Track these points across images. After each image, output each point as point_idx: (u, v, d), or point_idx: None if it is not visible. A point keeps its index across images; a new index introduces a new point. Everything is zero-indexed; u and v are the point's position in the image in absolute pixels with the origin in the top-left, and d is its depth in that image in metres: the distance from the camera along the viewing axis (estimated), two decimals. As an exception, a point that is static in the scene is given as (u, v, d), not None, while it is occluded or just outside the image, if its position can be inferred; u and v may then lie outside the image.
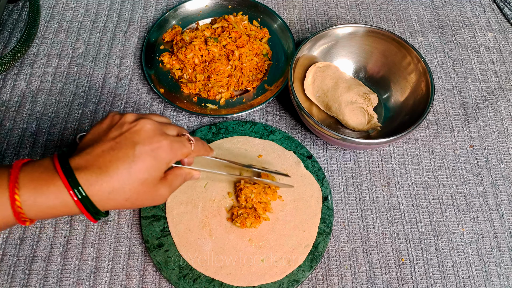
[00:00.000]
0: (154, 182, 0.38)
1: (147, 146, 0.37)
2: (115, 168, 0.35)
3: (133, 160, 0.36)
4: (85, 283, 0.51)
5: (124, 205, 0.37)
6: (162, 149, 0.38)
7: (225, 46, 0.65)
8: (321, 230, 0.53)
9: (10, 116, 0.62)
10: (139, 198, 0.37)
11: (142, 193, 0.37)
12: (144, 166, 0.36)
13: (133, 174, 0.36)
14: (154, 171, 0.37)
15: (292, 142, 0.60)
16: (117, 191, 0.36)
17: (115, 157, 0.36)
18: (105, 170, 0.35)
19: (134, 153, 0.36)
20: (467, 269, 0.53)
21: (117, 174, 0.35)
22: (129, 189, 0.36)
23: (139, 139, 0.37)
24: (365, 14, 0.75)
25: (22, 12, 0.72)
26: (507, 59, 0.69)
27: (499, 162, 0.60)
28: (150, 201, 0.39)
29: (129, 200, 0.37)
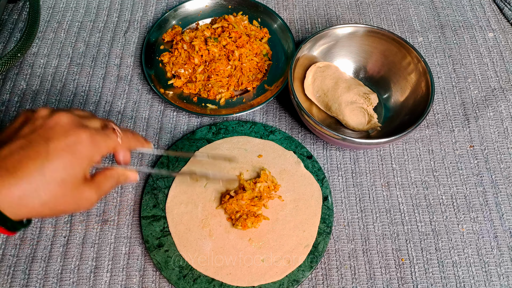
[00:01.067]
0: (76, 183, 0.33)
1: (63, 141, 0.32)
2: (25, 169, 0.31)
3: (46, 158, 0.31)
4: (85, 283, 0.51)
5: (41, 212, 0.32)
6: (81, 143, 0.33)
7: (225, 46, 0.65)
8: (321, 230, 0.53)
9: (10, 116, 0.62)
10: (58, 203, 0.33)
11: (61, 196, 0.32)
12: (60, 164, 0.32)
13: (48, 174, 0.31)
14: (74, 169, 0.33)
15: (292, 142, 0.60)
16: (30, 195, 0.31)
17: (25, 156, 0.31)
18: (13, 171, 0.30)
19: (48, 150, 0.32)
20: (467, 269, 0.53)
21: (28, 175, 0.30)
22: (44, 193, 0.31)
23: (53, 135, 0.33)
24: (365, 14, 0.75)
25: (22, 12, 0.72)
26: (507, 59, 0.69)
27: (499, 162, 0.60)
28: (73, 206, 0.34)
29: (46, 205, 0.32)
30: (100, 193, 0.36)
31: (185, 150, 0.59)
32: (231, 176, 0.56)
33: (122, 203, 0.56)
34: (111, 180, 0.38)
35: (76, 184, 0.33)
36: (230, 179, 0.56)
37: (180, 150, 0.59)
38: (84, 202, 0.35)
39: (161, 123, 0.63)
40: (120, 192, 0.57)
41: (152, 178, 0.57)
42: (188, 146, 0.59)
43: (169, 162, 0.58)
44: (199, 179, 0.55)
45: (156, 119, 0.63)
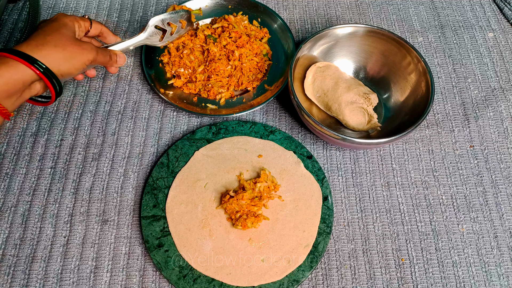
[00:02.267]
0: (72, 35, 0.51)
1: (48, 22, 0.51)
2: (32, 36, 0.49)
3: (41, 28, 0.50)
4: (85, 283, 0.51)
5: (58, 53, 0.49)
6: (59, 15, 0.53)
7: (225, 46, 0.65)
8: (321, 230, 0.53)
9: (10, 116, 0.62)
10: (67, 44, 0.49)
11: (66, 39, 0.50)
12: (53, 27, 0.50)
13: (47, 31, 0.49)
14: (64, 26, 0.51)
15: (292, 142, 0.60)
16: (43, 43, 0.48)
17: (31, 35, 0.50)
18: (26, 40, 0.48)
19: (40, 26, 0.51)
20: (467, 269, 0.53)
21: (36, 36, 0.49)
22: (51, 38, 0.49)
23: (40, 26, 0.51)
24: (365, 14, 0.75)
25: (22, 12, 0.72)
26: (507, 59, 0.69)
27: (499, 162, 0.60)
28: (79, 48, 0.51)
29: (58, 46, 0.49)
30: (94, 52, 0.53)
31: (185, 150, 0.59)
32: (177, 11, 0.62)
33: (122, 203, 0.56)
34: (105, 52, 0.56)
35: (72, 35, 0.51)
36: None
37: (180, 150, 0.59)
38: (87, 47, 0.52)
39: (161, 123, 0.63)
40: (120, 192, 0.57)
41: (152, 178, 0.57)
42: (188, 146, 0.59)
43: (169, 162, 0.58)
44: None
45: (156, 119, 0.63)
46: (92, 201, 0.56)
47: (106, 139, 0.61)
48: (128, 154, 0.60)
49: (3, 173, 0.57)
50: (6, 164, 0.58)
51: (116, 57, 0.57)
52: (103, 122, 0.62)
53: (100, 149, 0.60)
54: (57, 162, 0.58)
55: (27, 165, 0.58)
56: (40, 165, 0.58)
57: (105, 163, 0.59)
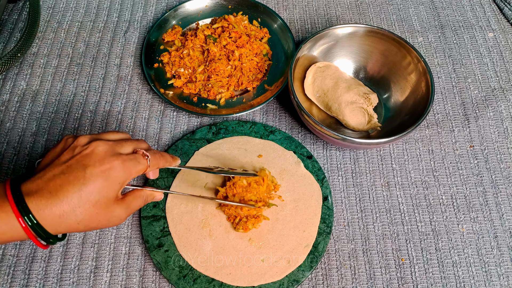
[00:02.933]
0: (108, 203, 0.37)
1: (98, 168, 0.37)
2: (65, 191, 0.35)
3: (83, 183, 0.36)
4: (85, 283, 0.51)
5: (77, 228, 0.37)
6: (114, 170, 0.37)
7: (225, 46, 0.65)
8: (321, 230, 0.53)
9: (10, 116, 0.62)
10: (92, 220, 0.37)
11: (95, 215, 0.37)
12: (95, 188, 0.36)
13: (84, 196, 0.36)
14: (107, 192, 0.37)
15: (292, 142, 0.60)
16: (68, 215, 0.35)
17: (66, 181, 0.35)
18: (55, 194, 0.35)
19: (85, 176, 0.36)
20: (467, 269, 0.53)
21: (67, 197, 0.35)
22: (80, 212, 0.36)
23: (89, 162, 0.37)
24: (365, 14, 0.75)
25: (22, 12, 0.72)
26: (507, 59, 0.69)
27: (499, 162, 0.60)
28: (105, 222, 0.38)
29: (81, 223, 0.36)
30: (128, 211, 0.41)
31: (185, 150, 0.59)
32: (250, 173, 0.53)
33: (122, 203, 0.56)
34: (139, 200, 0.42)
35: (108, 204, 0.37)
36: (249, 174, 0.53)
37: (180, 150, 0.59)
38: (114, 219, 0.39)
39: (161, 123, 0.63)
40: (120, 192, 0.57)
41: (152, 178, 0.57)
42: (188, 146, 0.59)
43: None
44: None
45: (156, 119, 0.63)
46: (92, 201, 0.56)
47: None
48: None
49: (3, 173, 0.57)
50: (6, 164, 0.58)
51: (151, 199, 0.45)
52: (103, 122, 0.62)
53: (100, 149, 0.60)
54: (57, 162, 0.58)
55: (27, 165, 0.58)
56: (40, 165, 0.58)
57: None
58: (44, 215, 0.34)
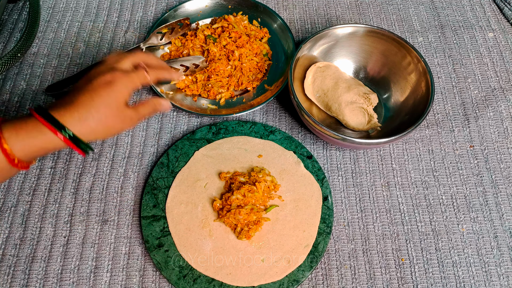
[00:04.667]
0: (118, 105, 0.44)
1: (101, 79, 0.44)
2: (79, 99, 0.42)
3: (92, 90, 0.43)
4: (85, 283, 0.51)
5: (97, 129, 0.43)
6: (116, 78, 0.44)
7: (225, 46, 0.65)
8: (321, 230, 0.53)
9: (10, 116, 0.62)
10: (108, 120, 0.43)
11: (110, 115, 0.43)
12: (103, 93, 0.43)
13: (95, 100, 0.42)
14: (115, 95, 0.43)
15: (292, 142, 0.60)
16: (86, 116, 0.41)
17: (78, 94, 0.43)
18: (71, 103, 0.42)
19: (92, 86, 0.43)
20: (467, 269, 0.53)
21: (82, 103, 0.42)
22: (95, 112, 0.42)
23: (94, 77, 0.44)
24: (365, 14, 0.75)
25: (22, 12, 0.72)
26: (507, 59, 0.69)
27: (499, 162, 0.60)
28: (120, 123, 0.44)
29: (100, 122, 0.42)
30: (139, 115, 0.46)
31: (185, 150, 0.59)
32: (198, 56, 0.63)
33: (122, 203, 0.56)
34: (147, 106, 0.48)
35: (118, 105, 0.44)
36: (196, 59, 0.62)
37: (180, 150, 0.59)
38: (127, 120, 0.45)
39: (161, 123, 0.63)
40: (120, 192, 0.57)
41: (152, 178, 0.57)
42: (188, 146, 0.59)
43: (169, 162, 0.58)
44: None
45: (156, 119, 0.63)
46: (92, 201, 0.56)
47: (106, 139, 0.61)
48: (128, 154, 0.60)
49: (3, 173, 0.57)
50: (6, 164, 0.58)
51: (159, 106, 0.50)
52: (103, 122, 0.62)
53: (100, 149, 0.60)
54: (57, 162, 0.58)
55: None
56: (40, 165, 0.58)
57: (105, 163, 0.59)
58: (67, 121, 0.41)
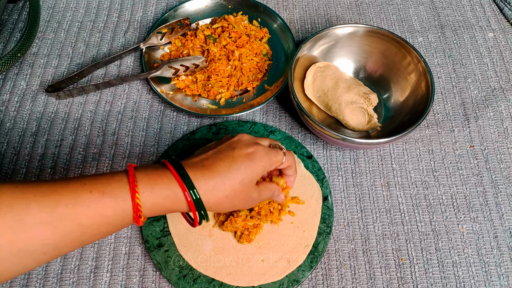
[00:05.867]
0: (250, 184, 0.41)
1: (244, 150, 0.42)
2: (217, 166, 0.40)
3: (232, 160, 0.41)
4: (85, 283, 0.51)
5: (223, 202, 0.40)
6: (257, 153, 0.42)
7: (225, 46, 0.65)
8: (321, 230, 0.53)
9: (10, 116, 0.62)
10: (236, 197, 0.41)
11: (239, 192, 0.41)
12: (242, 166, 0.41)
13: (232, 172, 0.40)
14: (251, 172, 0.41)
15: (292, 142, 0.60)
16: (219, 187, 0.39)
17: (217, 159, 0.41)
18: (209, 168, 0.40)
19: (233, 155, 0.41)
20: (467, 269, 0.53)
21: (219, 171, 0.40)
22: (228, 186, 0.40)
23: (237, 146, 0.43)
24: (365, 14, 0.75)
25: (22, 12, 0.72)
26: (507, 59, 0.69)
27: (499, 162, 0.60)
28: (243, 202, 0.42)
29: (228, 197, 0.40)
30: (260, 198, 0.44)
31: (185, 150, 0.59)
32: (198, 56, 0.63)
33: (122, 203, 0.56)
34: (268, 191, 0.46)
35: (250, 185, 0.42)
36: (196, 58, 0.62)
37: (180, 150, 0.59)
38: (250, 201, 0.43)
39: (161, 123, 0.63)
40: (120, 192, 0.57)
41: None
42: (188, 146, 0.59)
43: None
44: None
45: (156, 119, 0.63)
46: (92, 201, 0.56)
47: (106, 139, 0.61)
48: (128, 154, 0.60)
49: (3, 173, 0.57)
50: (6, 164, 0.58)
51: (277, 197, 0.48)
52: (103, 122, 0.62)
53: (100, 149, 0.60)
54: (57, 162, 0.58)
55: (27, 165, 0.58)
56: (40, 165, 0.58)
57: (105, 163, 0.59)
58: (201, 186, 0.39)
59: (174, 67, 0.63)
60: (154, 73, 0.62)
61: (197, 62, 0.63)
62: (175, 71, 0.63)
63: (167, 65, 0.62)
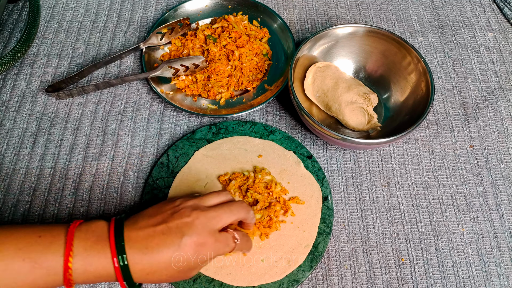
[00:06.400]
0: (189, 271, 0.40)
1: (193, 239, 0.39)
2: (159, 252, 0.38)
3: (177, 249, 0.38)
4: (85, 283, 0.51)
5: (152, 281, 0.40)
6: (206, 246, 0.40)
7: (225, 46, 0.65)
8: (321, 230, 0.53)
9: (10, 116, 0.62)
10: (169, 280, 0.40)
11: (175, 277, 0.40)
12: (185, 257, 0.39)
13: (173, 262, 0.39)
14: (193, 263, 0.40)
15: (292, 142, 0.60)
16: (155, 273, 0.38)
17: (163, 242, 0.38)
18: (151, 251, 0.38)
19: (180, 243, 0.39)
20: (467, 269, 0.53)
21: (160, 258, 0.38)
22: (165, 274, 0.39)
23: (187, 231, 0.39)
24: (365, 14, 0.75)
25: (22, 12, 0.72)
26: (507, 59, 0.69)
27: (499, 162, 0.60)
28: (179, 280, 0.41)
29: (161, 281, 0.40)
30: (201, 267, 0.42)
31: (185, 150, 0.59)
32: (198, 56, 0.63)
33: (122, 203, 0.56)
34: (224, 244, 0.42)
35: (189, 271, 0.40)
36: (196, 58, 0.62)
37: (180, 150, 0.59)
38: (187, 278, 0.41)
39: (161, 123, 0.63)
40: (120, 192, 0.57)
41: (152, 178, 0.57)
42: (188, 146, 0.59)
43: (169, 162, 0.58)
44: None
45: (156, 119, 0.63)
46: (92, 201, 0.56)
47: (106, 139, 0.61)
48: (128, 154, 0.60)
49: (3, 173, 0.57)
50: (6, 164, 0.58)
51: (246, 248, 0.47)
52: (103, 122, 0.62)
53: (100, 149, 0.60)
54: (57, 162, 0.58)
55: (27, 165, 0.58)
56: (40, 165, 0.58)
57: (105, 163, 0.59)
58: (136, 267, 0.38)
59: (174, 67, 0.63)
60: (154, 73, 0.62)
61: (197, 62, 0.63)
62: (175, 71, 0.63)
63: (167, 65, 0.62)
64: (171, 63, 0.62)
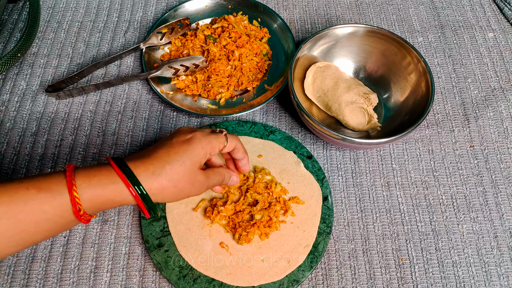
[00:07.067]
0: (192, 166, 0.42)
1: (182, 137, 0.43)
2: (155, 153, 0.41)
3: (170, 146, 0.42)
4: (85, 283, 0.51)
5: (167, 187, 0.41)
6: (195, 137, 0.43)
7: (225, 46, 0.65)
8: (321, 230, 0.53)
9: (10, 116, 0.62)
10: (179, 180, 0.41)
11: (182, 174, 0.41)
12: (180, 150, 0.42)
13: (171, 156, 0.41)
14: (191, 154, 0.42)
15: (292, 142, 0.60)
16: (159, 171, 0.40)
17: (155, 147, 0.42)
18: (147, 156, 0.41)
19: (171, 142, 0.42)
20: (467, 269, 0.53)
21: (157, 157, 0.40)
22: (169, 169, 0.40)
23: (175, 134, 0.44)
24: (365, 14, 0.75)
25: (22, 12, 0.72)
26: (507, 59, 0.69)
27: (499, 162, 0.60)
28: (190, 186, 0.42)
29: (171, 181, 0.40)
30: (208, 183, 0.45)
31: None
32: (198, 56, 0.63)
33: (122, 203, 0.56)
34: (217, 175, 0.47)
35: (192, 167, 0.42)
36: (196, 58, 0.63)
37: None
38: (197, 185, 0.43)
39: (161, 123, 0.63)
40: (120, 192, 0.57)
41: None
42: (188, 146, 0.59)
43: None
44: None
45: (156, 119, 0.63)
46: (92, 201, 0.56)
47: (106, 139, 0.61)
48: (128, 154, 0.60)
49: (3, 173, 0.57)
50: (6, 164, 0.58)
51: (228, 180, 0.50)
52: (103, 122, 0.62)
53: (100, 149, 0.60)
54: (57, 162, 0.58)
55: (27, 165, 0.58)
56: (40, 165, 0.58)
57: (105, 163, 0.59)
58: (139, 172, 0.39)
59: (174, 67, 0.63)
60: (154, 73, 0.62)
61: (197, 62, 0.63)
62: (175, 71, 0.63)
63: (167, 65, 0.62)
64: (171, 63, 0.62)
